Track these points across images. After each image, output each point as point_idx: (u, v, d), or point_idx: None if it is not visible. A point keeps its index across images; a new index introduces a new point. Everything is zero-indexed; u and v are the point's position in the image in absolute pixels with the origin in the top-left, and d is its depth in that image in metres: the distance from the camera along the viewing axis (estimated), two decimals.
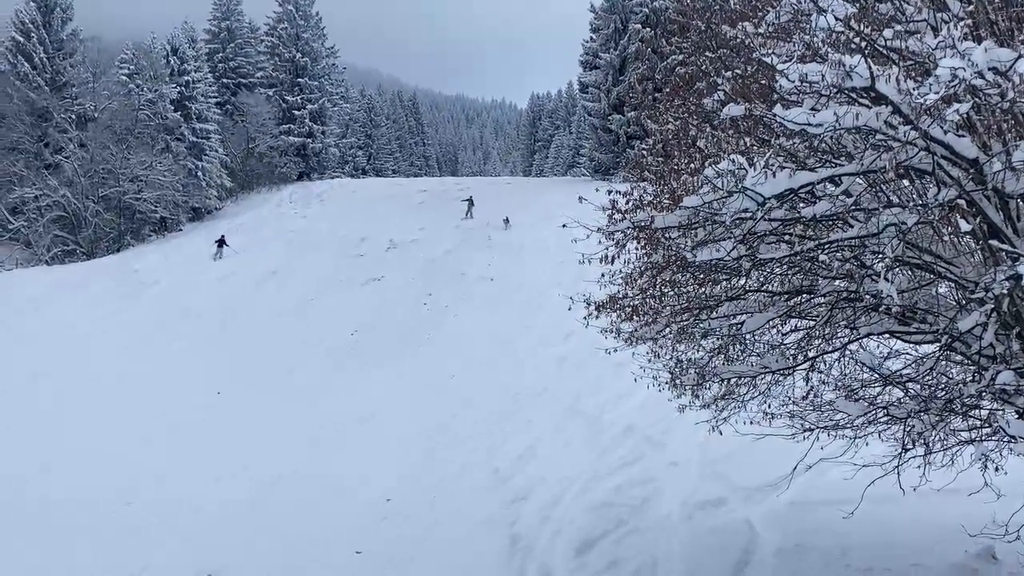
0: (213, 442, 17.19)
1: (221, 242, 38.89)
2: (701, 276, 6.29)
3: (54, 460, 16.17)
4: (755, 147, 5.36)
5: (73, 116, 44.77)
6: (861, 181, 5.48)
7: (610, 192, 6.31)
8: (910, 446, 6.46)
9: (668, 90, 7.76)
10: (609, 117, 46.93)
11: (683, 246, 5.62)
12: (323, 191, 49.64)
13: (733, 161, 4.84)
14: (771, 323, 6.68)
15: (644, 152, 7.18)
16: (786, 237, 5.88)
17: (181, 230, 45.59)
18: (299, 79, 57.50)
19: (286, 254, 36.76)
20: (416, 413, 18.25)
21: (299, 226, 41.77)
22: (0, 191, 42.74)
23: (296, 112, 56.90)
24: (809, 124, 4.65)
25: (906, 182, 5.54)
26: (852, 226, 5.55)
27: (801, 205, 5.47)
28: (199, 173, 47.85)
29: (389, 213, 41.86)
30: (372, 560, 10.74)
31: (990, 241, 5.19)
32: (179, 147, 47.36)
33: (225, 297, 31.93)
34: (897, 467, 6.79)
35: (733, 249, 5.35)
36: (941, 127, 4.60)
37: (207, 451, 16.51)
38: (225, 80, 56.67)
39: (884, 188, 5.47)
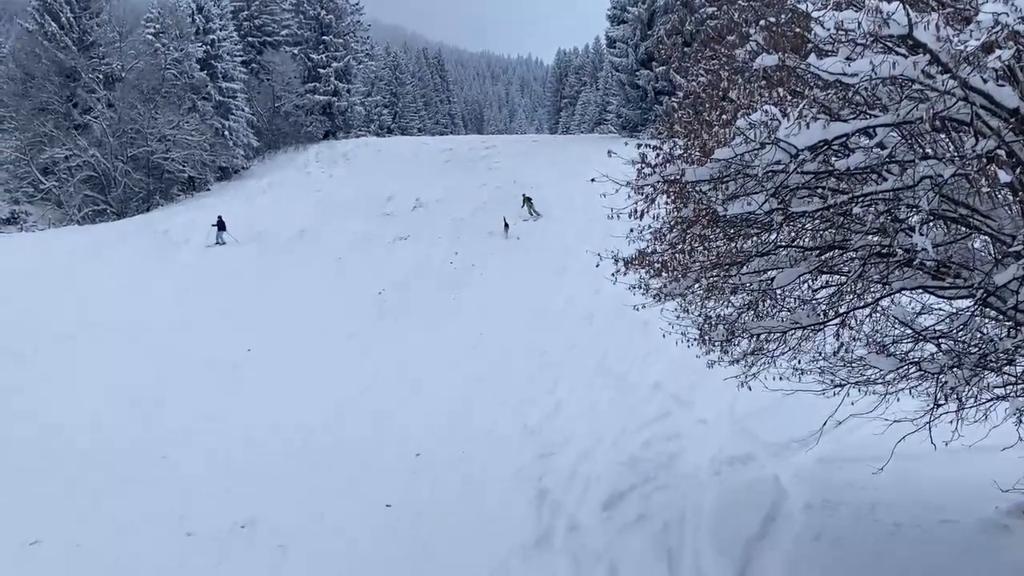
0: (245, 398, 17.44)
1: (220, 224, 34.12)
2: (731, 231, 6.22)
3: (92, 412, 16.51)
4: (788, 98, 5.26)
5: (100, 76, 44.91)
6: (896, 134, 5.38)
7: (639, 146, 6.23)
8: (942, 401, 6.41)
9: (698, 44, 7.62)
10: (637, 72, 46.33)
11: (714, 200, 5.56)
12: (349, 150, 49.62)
13: (766, 112, 4.76)
14: (802, 278, 6.61)
15: (674, 105, 7.08)
16: (819, 191, 5.80)
17: (209, 190, 45.83)
18: (324, 37, 57.28)
19: (314, 213, 36.87)
20: (444, 370, 18.37)
21: (326, 185, 41.85)
22: (31, 151, 43.18)
23: (321, 70, 56.75)
24: (844, 74, 4.55)
25: (943, 135, 5.43)
26: (886, 179, 5.46)
27: (834, 158, 5.38)
28: (226, 132, 47.98)
29: (415, 172, 41.81)
30: (402, 513, 10.90)
31: None
32: (205, 106, 47.45)
33: (255, 256, 32.17)
34: (929, 423, 6.74)
35: (765, 202, 5.28)
36: (981, 76, 4.49)
37: (239, 406, 16.75)
38: (250, 38, 56.43)
39: (920, 140, 5.37)
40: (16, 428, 15.60)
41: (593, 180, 6.31)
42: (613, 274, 7.30)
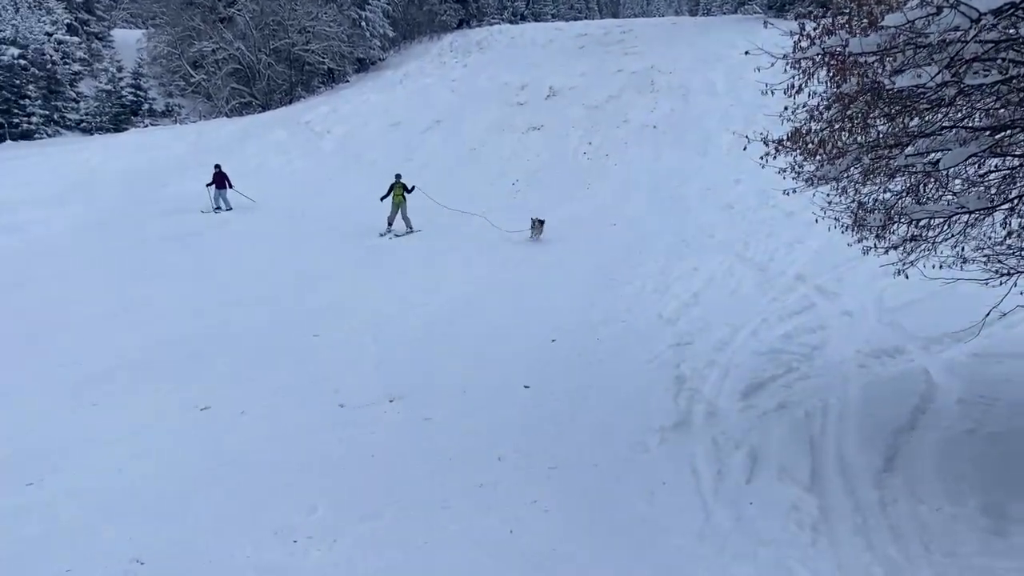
0: (393, 278, 18.10)
1: (220, 179, 25.27)
2: (896, 108, 5.86)
3: (250, 292, 17.55)
4: None
5: None
6: None
7: (797, 17, 5.90)
8: None
9: None
10: None
11: (879, 72, 5.23)
12: (482, 39, 49.12)
13: None
14: (970, 160, 6.20)
15: None
16: (998, 62, 5.35)
17: (348, 81, 46.58)
18: None
19: (449, 103, 37.03)
20: (578, 258, 18.45)
21: (460, 75, 41.76)
22: (182, 45, 45.03)
23: None
24: None
25: None
26: None
27: (1017, 27, 4.93)
28: (362, 23, 48.28)
29: (548, 59, 41.08)
30: (540, 394, 11.16)
31: None
32: None
33: (394, 146, 32.79)
34: None
35: (937, 74, 4.93)
36: None
37: (387, 286, 17.40)
38: None
39: None
40: (184, 304, 16.81)
41: (747, 53, 6.04)
42: (763, 157, 7.04)
